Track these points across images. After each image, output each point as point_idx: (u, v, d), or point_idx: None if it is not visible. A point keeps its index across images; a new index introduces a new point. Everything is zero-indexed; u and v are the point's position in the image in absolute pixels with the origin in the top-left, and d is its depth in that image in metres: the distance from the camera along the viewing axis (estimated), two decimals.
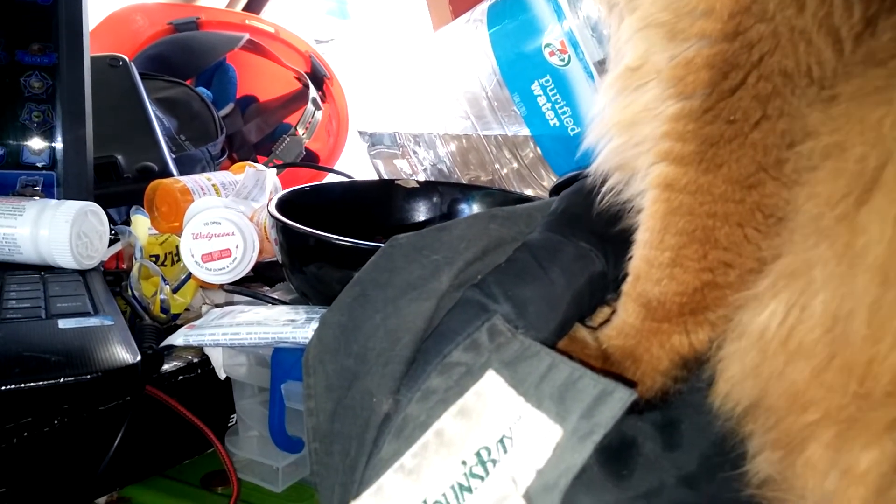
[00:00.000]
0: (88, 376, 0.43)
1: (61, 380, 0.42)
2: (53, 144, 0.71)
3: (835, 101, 0.31)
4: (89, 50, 0.73)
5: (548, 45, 0.66)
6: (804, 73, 0.31)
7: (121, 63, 0.90)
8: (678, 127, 0.34)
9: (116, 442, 0.48)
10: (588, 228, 0.42)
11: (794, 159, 0.32)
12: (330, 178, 1.16)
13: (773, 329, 0.31)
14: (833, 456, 0.29)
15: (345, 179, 0.99)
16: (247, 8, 1.35)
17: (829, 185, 0.30)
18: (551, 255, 0.41)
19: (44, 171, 0.71)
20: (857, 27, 0.30)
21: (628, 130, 0.37)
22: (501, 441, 0.32)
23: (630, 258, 0.39)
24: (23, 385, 0.41)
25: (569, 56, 0.65)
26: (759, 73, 0.32)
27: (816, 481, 0.30)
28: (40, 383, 0.42)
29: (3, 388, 0.41)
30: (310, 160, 1.20)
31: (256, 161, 1.14)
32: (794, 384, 0.31)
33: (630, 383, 0.36)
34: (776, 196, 0.33)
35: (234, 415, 0.57)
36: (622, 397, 0.30)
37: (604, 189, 0.41)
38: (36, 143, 0.71)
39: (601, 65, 0.64)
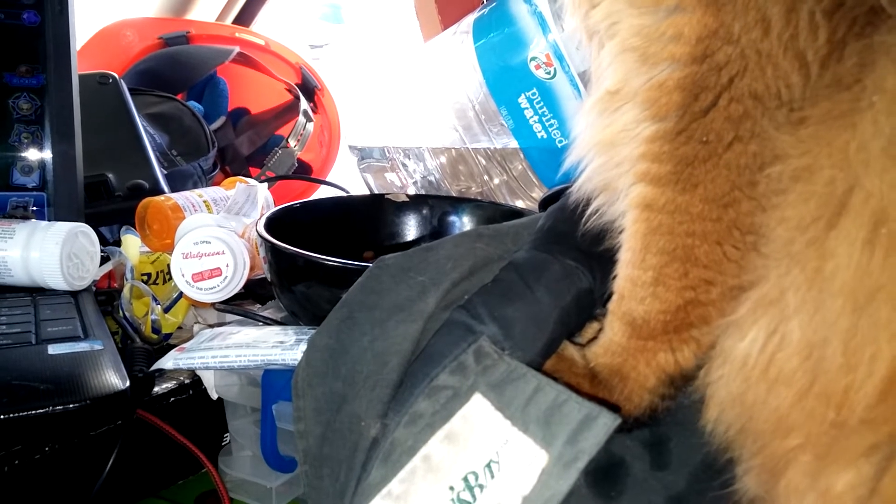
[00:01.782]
0: (78, 404, 0.43)
1: (50, 409, 0.42)
2: (43, 165, 0.72)
3: (803, 123, 0.31)
4: (78, 68, 0.73)
5: (533, 59, 0.66)
6: (774, 96, 0.32)
7: (110, 80, 0.89)
8: (654, 148, 0.35)
9: (109, 466, 0.48)
10: (574, 245, 0.42)
11: (765, 182, 0.32)
12: (323, 190, 1.16)
13: (754, 356, 0.32)
14: (812, 478, 0.30)
15: (334, 195, 0.99)
16: (237, 21, 1.35)
17: (799, 209, 0.30)
18: (537, 273, 0.41)
19: (34, 192, 0.71)
20: (823, 51, 0.30)
21: (608, 151, 0.37)
22: (489, 465, 0.32)
23: (616, 276, 0.39)
24: (12, 415, 0.41)
25: (554, 69, 0.65)
26: (730, 95, 0.32)
27: (796, 503, 0.30)
28: (29, 413, 0.42)
29: None
30: (303, 171, 1.20)
31: (249, 174, 1.15)
32: (778, 410, 0.31)
33: (615, 407, 0.36)
34: (752, 214, 0.34)
35: (228, 434, 0.57)
36: (606, 423, 0.30)
37: (588, 210, 0.41)
38: (26, 164, 0.71)
39: (587, 76, 0.64)
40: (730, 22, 0.32)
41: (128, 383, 0.46)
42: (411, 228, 0.73)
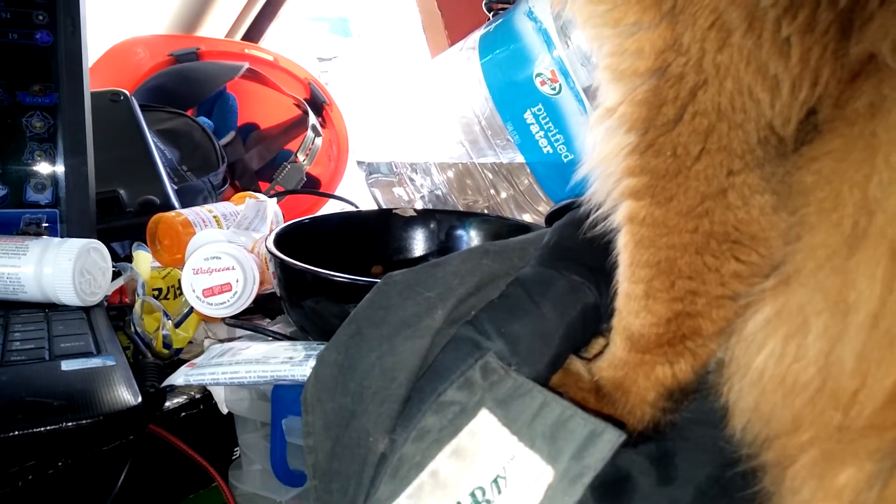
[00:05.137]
0: (91, 420, 0.44)
1: (63, 424, 0.43)
2: (56, 182, 0.72)
3: (818, 160, 0.32)
4: (90, 86, 0.75)
5: (539, 75, 0.67)
6: (739, 110, 0.32)
7: (122, 98, 0.91)
8: (630, 162, 0.36)
9: (121, 480, 0.48)
10: (580, 261, 0.43)
11: (797, 218, 0.33)
12: (331, 204, 1.17)
13: (770, 369, 0.33)
14: (815, 470, 0.31)
15: (343, 209, 1.00)
16: (246, 37, 1.37)
17: (824, 241, 0.31)
18: (543, 289, 0.41)
19: (47, 209, 0.72)
20: (796, 70, 0.31)
21: (609, 167, 0.38)
22: (495, 481, 0.33)
23: (615, 291, 0.40)
24: (25, 431, 0.42)
25: (560, 85, 0.66)
26: (694, 108, 0.33)
27: (796, 489, 0.31)
28: (42, 429, 0.42)
29: (7, 434, 0.42)
30: (311, 185, 1.21)
31: (258, 188, 1.15)
32: (791, 411, 0.32)
33: (620, 423, 0.37)
34: (726, 223, 0.34)
35: (238, 448, 0.58)
36: (611, 438, 0.31)
37: (595, 219, 0.42)
38: (39, 181, 0.72)
39: (592, 91, 0.65)
40: (681, 32, 0.32)
41: (140, 399, 0.46)
42: (419, 243, 0.73)
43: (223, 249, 0.63)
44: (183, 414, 0.55)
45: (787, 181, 0.33)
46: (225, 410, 0.55)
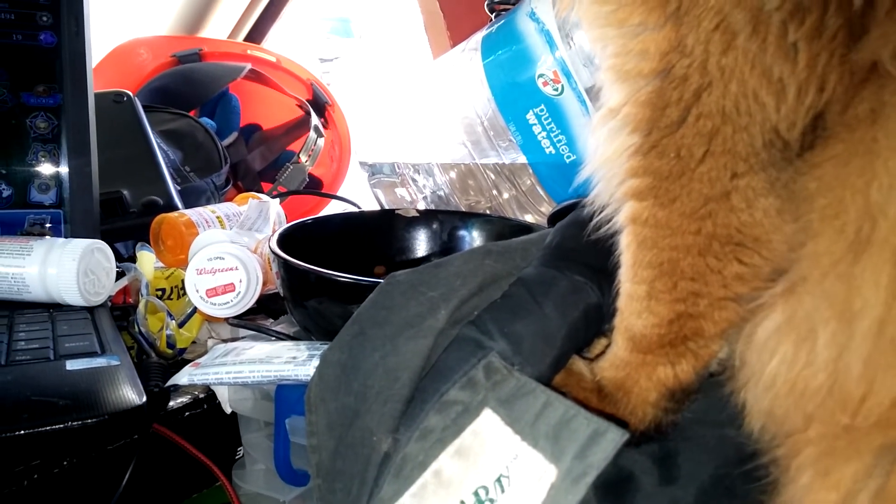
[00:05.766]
0: (96, 419, 0.44)
1: (68, 424, 0.43)
2: (60, 183, 0.73)
3: (820, 166, 0.32)
4: (93, 87, 0.75)
5: (541, 75, 0.67)
6: (744, 113, 0.32)
7: (125, 98, 0.91)
8: (634, 163, 0.36)
9: (125, 479, 0.48)
10: (582, 261, 0.43)
11: (801, 225, 0.33)
12: (334, 205, 1.17)
13: (783, 374, 0.33)
14: (818, 462, 0.31)
15: (345, 209, 1.00)
16: (248, 38, 1.37)
17: (828, 248, 0.31)
18: (546, 289, 0.41)
19: (51, 210, 0.73)
20: (802, 75, 0.31)
21: (612, 168, 0.38)
22: (499, 480, 0.33)
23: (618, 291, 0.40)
24: (31, 430, 0.42)
25: (562, 85, 0.66)
26: (698, 110, 0.33)
27: (797, 479, 0.32)
28: (48, 428, 0.42)
29: (12, 433, 0.42)
30: (314, 186, 1.21)
31: (261, 189, 1.16)
32: (804, 412, 0.32)
33: (623, 422, 0.37)
34: (729, 225, 0.34)
35: (241, 448, 0.58)
36: (614, 438, 0.31)
37: (599, 221, 0.42)
38: (43, 182, 0.72)
39: (594, 92, 0.65)
40: (686, 34, 0.32)
41: (144, 398, 0.46)
42: (421, 243, 0.73)
43: (226, 250, 0.63)
44: (187, 413, 0.55)
45: (790, 187, 0.33)
46: (228, 410, 0.55)
